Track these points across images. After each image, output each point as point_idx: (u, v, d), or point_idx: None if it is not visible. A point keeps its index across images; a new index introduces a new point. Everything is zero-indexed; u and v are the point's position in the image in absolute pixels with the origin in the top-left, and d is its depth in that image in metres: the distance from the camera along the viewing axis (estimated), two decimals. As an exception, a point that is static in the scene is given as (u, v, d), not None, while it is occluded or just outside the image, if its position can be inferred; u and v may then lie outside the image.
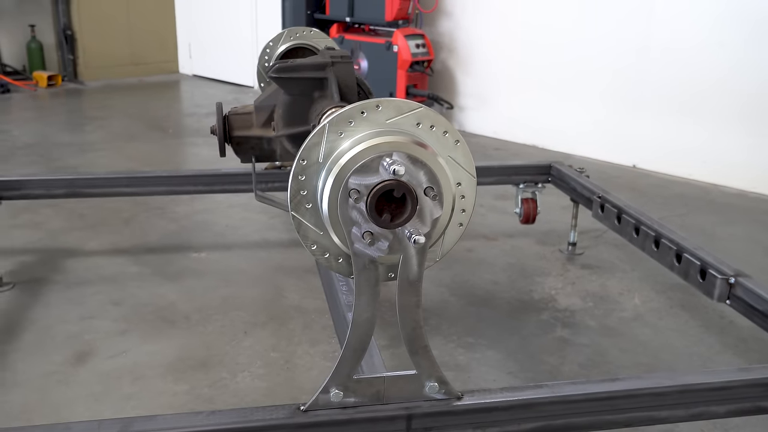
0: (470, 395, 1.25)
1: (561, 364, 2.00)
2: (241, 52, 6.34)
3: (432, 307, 2.29)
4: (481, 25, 4.78)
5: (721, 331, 2.22)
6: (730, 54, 3.67)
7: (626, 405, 1.30)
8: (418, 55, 4.64)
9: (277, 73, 1.75)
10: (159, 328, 2.12)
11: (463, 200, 1.15)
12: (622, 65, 4.12)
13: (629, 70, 4.09)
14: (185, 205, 3.21)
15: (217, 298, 2.32)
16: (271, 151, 1.92)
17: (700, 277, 1.83)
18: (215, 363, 1.95)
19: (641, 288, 2.50)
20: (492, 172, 2.66)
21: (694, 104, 3.85)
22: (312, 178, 1.10)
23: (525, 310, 2.31)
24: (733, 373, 1.37)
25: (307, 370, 1.93)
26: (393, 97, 1.44)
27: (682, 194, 3.66)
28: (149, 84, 6.55)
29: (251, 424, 1.15)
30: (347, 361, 1.17)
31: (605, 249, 2.84)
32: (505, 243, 2.89)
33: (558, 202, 3.13)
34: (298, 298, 2.35)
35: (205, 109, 5.41)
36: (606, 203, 2.34)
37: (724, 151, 3.78)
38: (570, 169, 2.64)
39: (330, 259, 1.15)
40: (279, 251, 2.76)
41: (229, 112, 1.93)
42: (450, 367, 1.95)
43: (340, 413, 1.19)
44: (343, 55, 1.75)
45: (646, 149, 4.09)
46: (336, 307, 1.70)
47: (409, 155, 1.05)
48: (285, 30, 2.48)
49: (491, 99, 4.84)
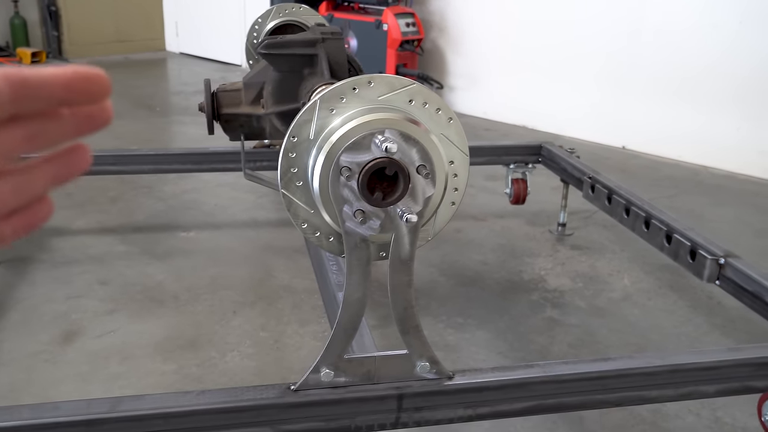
0: (461, 375, 1.25)
1: (550, 344, 2.01)
2: (228, 30, 6.26)
3: (421, 287, 2.28)
4: (472, 4, 4.74)
5: (709, 311, 2.23)
6: (723, 36, 3.66)
7: (617, 384, 1.30)
8: (408, 34, 4.60)
9: (266, 50, 1.72)
10: (147, 308, 2.11)
11: (455, 179, 1.13)
12: (614, 47, 4.10)
13: (621, 52, 4.08)
14: (173, 184, 3.18)
15: (206, 278, 2.31)
16: (260, 128, 1.89)
17: (690, 258, 1.83)
18: (204, 342, 1.94)
19: (630, 269, 2.51)
20: (482, 152, 2.64)
21: (685, 87, 3.85)
22: (303, 156, 1.08)
23: (514, 291, 2.31)
24: (722, 353, 1.37)
25: (297, 349, 1.93)
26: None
27: (671, 176, 3.66)
28: (135, 62, 6.47)
29: (241, 403, 1.15)
30: (338, 341, 1.16)
31: (595, 230, 2.84)
32: (494, 223, 2.88)
33: (548, 182, 3.13)
34: (287, 277, 2.34)
35: (192, 87, 5.35)
36: (596, 184, 2.34)
37: (714, 133, 3.78)
38: (560, 150, 2.63)
39: (321, 237, 1.14)
40: (268, 230, 2.74)
41: (218, 89, 1.90)
42: (440, 347, 1.95)
43: (331, 393, 1.18)
44: (333, 32, 1.73)
45: (637, 131, 4.09)
46: (326, 286, 1.69)
47: (401, 132, 1.03)
48: (274, 6, 2.45)
49: (482, 79, 4.82)
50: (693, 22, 3.76)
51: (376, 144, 1.01)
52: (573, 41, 4.28)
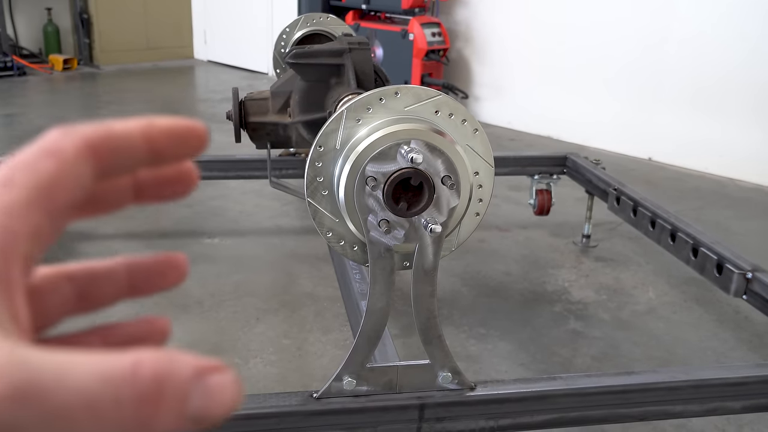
0: (483, 386, 1.25)
1: (573, 356, 1.99)
2: (255, 38, 6.33)
3: (444, 297, 2.28)
4: (498, 15, 4.74)
5: (736, 326, 2.20)
6: (749, 46, 3.62)
7: (641, 399, 1.29)
8: (433, 43, 4.61)
9: (293, 59, 1.74)
10: (172, 313, 2.13)
11: (480, 190, 1.14)
12: (640, 57, 4.07)
13: (647, 62, 4.05)
14: (199, 191, 3.21)
15: (230, 284, 2.33)
16: (286, 137, 1.91)
17: (717, 272, 1.81)
18: (227, 348, 1.95)
19: (655, 282, 2.48)
20: (507, 162, 2.64)
21: (712, 97, 3.81)
22: (329, 165, 1.09)
23: (537, 302, 2.30)
24: (749, 369, 1.35)
25: (319, 357, 1.93)
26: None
27: (698, 188, 3.62)
28: (164, 69, 6.55)
29: (264, 410, 1.15)
30: (361, 350, 1.16)
31: (619, 242, 2.82)
32: (518, 234, 2.87)
33: (572, 193, 3.11)
34: (310, 285, 2.35)
35: (219, 95, 5.41)
36: (622, 195, 2.32)
37: (742, 145, 3.74)
38: (586, 161, 2.62)
39: (345, 246, 1.15)
40: (292, 238, 2.76)
41: (246, 98, 1.92)
42: (462, 357, 1.94)
43: (353, 401, 1.18)
44: (360, 42, 1.74)
45: (663, 142, 4.05)
46: (349, 295, 1.69)
47: (427, 143, 1.04)
48: (302, 16, 2.47)
49: (507, 89, 4.81)
50: (719, 32, 3.72)
51: (402, 154, 1.02)
52: (599, 51, 4.26)
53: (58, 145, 0.26)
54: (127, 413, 0.22)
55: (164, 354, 0.23)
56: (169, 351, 0.24)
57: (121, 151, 0.28)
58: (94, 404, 0.22)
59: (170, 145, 0.29)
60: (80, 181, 0.26)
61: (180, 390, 0.23)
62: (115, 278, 0.33)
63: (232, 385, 0.24)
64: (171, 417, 0.23)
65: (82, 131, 0.27)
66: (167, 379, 0.23)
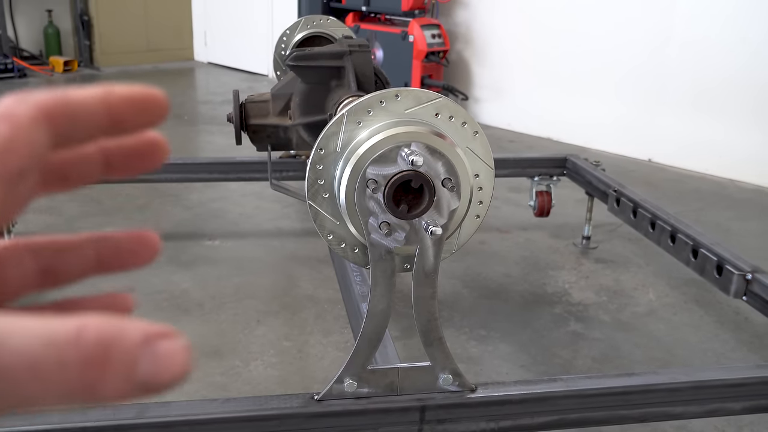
0: (484, 388, 1.25)
1: (574, 358, 2.00)
2: (256, 40, 6.33)
3: (445, 299, 2.29)
4: (498, 16, 4.75)
5: (736, 327, 2.20)
6: (750, 49, 3.63)
7: (641, 400, 1.29)
8: (433, 45, 4.61)
9: (294, 62, 1.74)
10: (172, 316, 2.13)
11: (480, 192, 1.14)
12: (641, 59, 4.08)
13: (648, 63, 4.05)
14: (199, 193, 3.22)
15: (231, 286, 2.33)
16: (287, 139, 1.92)
17: (717, 273, 1.81)
18: (228, 351, 1.95)
19: (655, 283, 2.49)
20: (507, 164, 2.64)
21: (713, 99, 3.81)
22: (330, 168, 1.09)
23: (538, 304, 2.30)
24: (750, 370, 1.36)
25: (320, 359, 1.94)
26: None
27: (698, 189, 3.63)
28: (164, 71, 6.56)
29: (266, 412, 1.16)
30: (361, 352, 1.17)
31: (619, 243, 2.82)
32: (518, 236, 2.87)
33: (572, 195, 3.12)
34: (311, 287, 2.35)
35: (219, 97, 5.41)
36: (622, 197, 2.33)
37: (742, 146, 3.74)
38: (586, 162, 2.62)
39: (346, 249, 1.15)
40: (292, 240, 2.76)
41: (246, 100, 1.92)
42: (462, 359, 1.94)
43: (354, 403, 1.19)
44: (360, 44, 1.74)
45: (663, 143, 4.06)
46: (349, 297, 1.70)
47: (427, 146, 1.04)
48: (302, 18, 2.47)
49: (507, 91, 4.82)
50: (720, 35, 3.73)
51: (402, 157, 1.03)
52: (599, 53, 4.26)
53: (11, 110, 0.25)
54: (71, 376, 0.22)
55: (112, 320, 0.23)
56: (118, 318, 0.24)
57: (79, 118, 0.27)
58: (37, 366, 0.21)
59: (130, 112, 0.29)
60: (34, 147, 0.26)
61: (127, 355, 0.23)
62: (82, 253, 0.32)
63: (182, 351, 0.24)
64: (118, 382, 0.23)
65: (37, 98, 0.26)
66: (113, 344, 0.23)
